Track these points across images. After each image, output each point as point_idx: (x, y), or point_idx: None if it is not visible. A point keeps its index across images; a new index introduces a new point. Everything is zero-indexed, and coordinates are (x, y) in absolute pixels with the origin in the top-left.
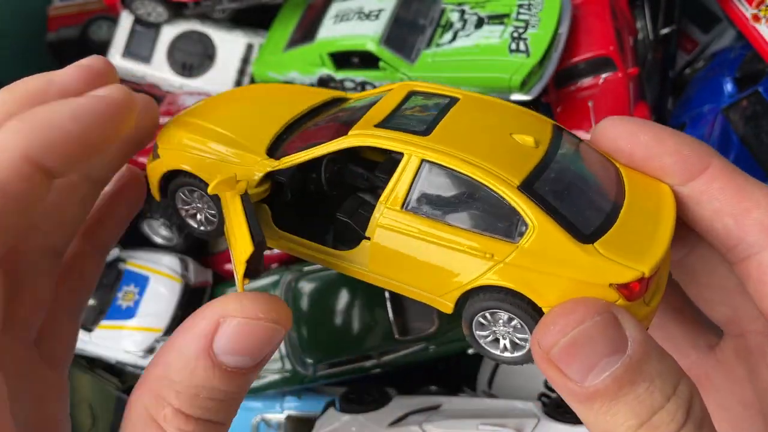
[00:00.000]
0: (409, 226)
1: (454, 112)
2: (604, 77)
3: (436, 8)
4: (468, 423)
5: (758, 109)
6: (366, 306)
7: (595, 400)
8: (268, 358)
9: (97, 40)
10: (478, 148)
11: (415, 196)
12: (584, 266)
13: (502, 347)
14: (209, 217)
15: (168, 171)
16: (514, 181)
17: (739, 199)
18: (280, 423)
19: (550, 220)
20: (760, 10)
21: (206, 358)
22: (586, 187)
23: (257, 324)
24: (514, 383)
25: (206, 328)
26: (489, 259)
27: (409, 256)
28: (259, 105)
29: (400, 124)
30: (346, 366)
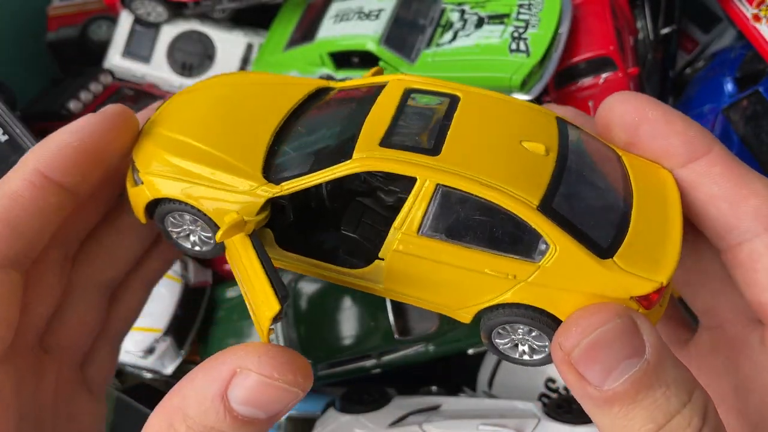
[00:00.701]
0: (427, 251)
1: (458, 118)
2: (604, 77)
3: (436, 8)
4: (468, 423)
5: (758, 108)
6: (366, 306)
7: (613, 404)
8: (283, 414)
9: (97, 39)
10: (491, 166)
11: (431, 220)
12: (605, 282)
13: (521, 352)
14: (204, 238)
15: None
16: (533, 202)
17: (738, 186)
18: (280, 423)
19: (570, 239)
20: (760, 10)
21: (220, 402)
22: (597, 193)
23: (272, 384)
24: (514, 383)
25: (223, 374)
26: (511, 279)
27: (427, 278)
28: (236, 106)
29: (405, 140)
30: (346, 366)
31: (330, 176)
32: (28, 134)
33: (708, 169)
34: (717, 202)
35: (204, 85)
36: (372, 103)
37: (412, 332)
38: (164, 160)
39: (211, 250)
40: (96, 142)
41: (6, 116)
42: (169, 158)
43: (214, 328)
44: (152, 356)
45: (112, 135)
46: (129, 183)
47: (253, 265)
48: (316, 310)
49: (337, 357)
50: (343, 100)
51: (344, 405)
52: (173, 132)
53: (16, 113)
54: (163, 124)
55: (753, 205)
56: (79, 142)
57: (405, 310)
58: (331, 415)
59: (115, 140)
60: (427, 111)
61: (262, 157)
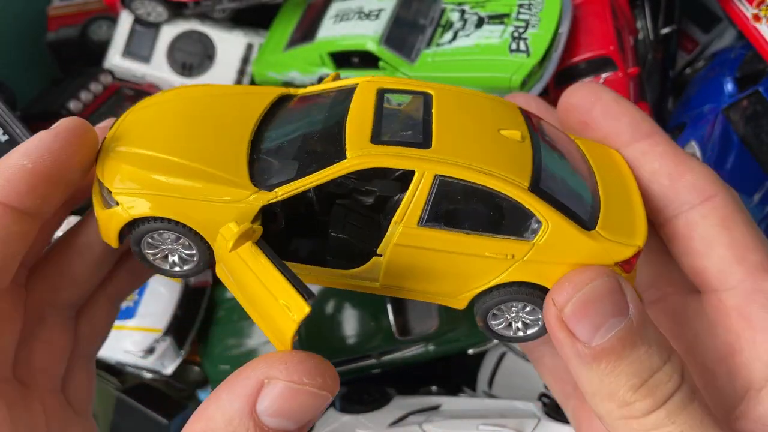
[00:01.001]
0: (428, 241)
1: (437, 113)
2: (604, 77)
3: (436, 8)
4: (468, 423)
5: (758, 108)
6: (366, 306)
7: (601, 360)
8: (314, 422)
9: (97, 39)
10: (480, 154)
11: (430, 211)
12: (592, 251)
13: (515, 329)
14: (185, 257)
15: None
16: (524, 183)
17: (675, 163)
18: None
19: (560, 215)
20: (760, 10)
21: (249, 418)
22: (569, 173)
23: (301, 389)
24: (514, 383)
25: (250, 389)
26: (509, 259)
27: (427, 268)
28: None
29: (394, 136)
30: (346, 366)
31: (326, 177)
32: (28, 134)
33: (651, 148)
34: (658, 178)
35: (160, 99)
36: (346, 105)
37: (412, 332)
38: (140, 177)
39: (192, 269)
40: (53, 161)
41: (6, 116)
42: (147, 174)
43: (214, 328)
44: (152, 356)
45: (69, 151)
46: (98, 206)
47: (268, 272)
48: (317, 310)
49: (337, 357)
50: (312, 106)
51: (344, 405)
52: (141, 148)
53: (16, 113)
54: (127, 140)
55: (689, 180)
56: (33, 164)
57: (405, 310)
58: (331, 415)
59: (73, 156)
60: (405, 108)
61: (245, 166)
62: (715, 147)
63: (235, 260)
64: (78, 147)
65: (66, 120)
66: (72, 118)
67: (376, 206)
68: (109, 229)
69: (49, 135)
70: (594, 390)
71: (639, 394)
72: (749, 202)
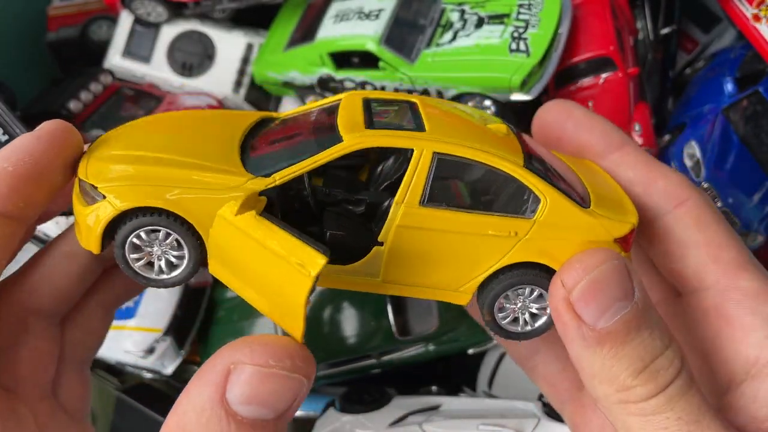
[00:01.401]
0: (430, 221)
1: (425, 112)
2: (604, 77)
3: (436, 8)
4: (468, 423)
5: (758, 109)
6: (366, 306)
7: (605, 343)
8: (293, 410)
9: (97, 39)
10: (473, 137)
11: (431, 190)
12: (592, 227)
13: (522, 322)
14: (173, 261)
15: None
16: (519, 161)
17: (647, 171)
18: None
19: (557, 191)
20: (760, 10)
21: (220, 407)
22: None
23: (270, 372)
24: (514, 383)
25: (218, 376)
26: (513, 237)
27: (430, 252)
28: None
29: (389, 125)
30: (346, 366)
31: (325, 158)
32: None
33: (623, 158)
34: (632, 187)
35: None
36: (334, 110)
37: (412, 332)
38: (128, 170)
39: (180, 275)
40: (34, 163)
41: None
42: (135, 168)
43: (214, 328)
44: (152, 356)
45: (51, 154)
46: (79, 205)
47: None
48: (316, 310)
49: (337, 357)
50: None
51: (344, 405)
52: (128, 149)
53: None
54: (111, 144)
55: (662, 186)
56: (14, 167)
57: (405, 310)
58: (331, 415)
59: (56, 158)
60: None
61: (238, 160)
62: (715, 147)
63: (236, 238)
64: (60, 149)
65: (48, 122)
66: (55, 121)
67: (367, 215)
68: (92, 229)
69: (31, 138)
70: (594, 372)
71: (640, 378)
72: (749, 202)
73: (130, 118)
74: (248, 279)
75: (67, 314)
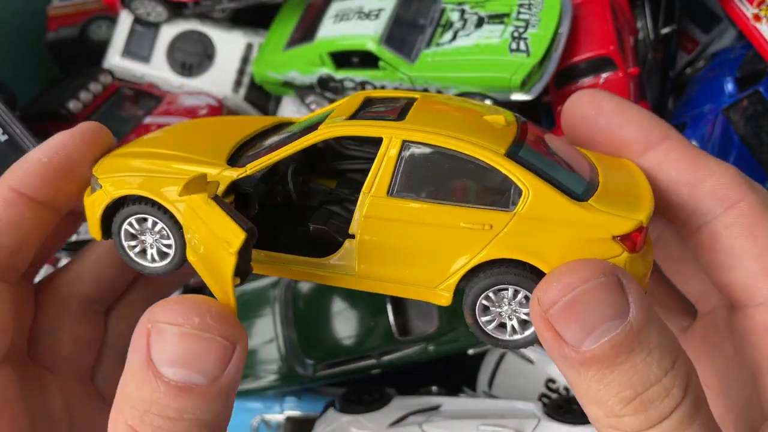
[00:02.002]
0: (399, 212)
1: (419, 105)
2: (604, 77)
3: (436, 8)
4: (468, 423)
5: (759, 108)
6: (366, 306)
7: (589, 367)
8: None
9: (97, 39)
10: (455, 127)
11: (400, 180)
12: (584, 222)
13: (510, 330)
14: (163, 249)
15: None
16: (500, 150)
17: (694, 169)
18: (279, 424)
19: (542, 182)
20: (760, 10)
21: (147, 368)
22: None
23: (182, 331)
24: (514, 383)
25: (141, 337)
26: (488, 230)
27: (402, 245)
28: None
29: (370, 117)
30: (345, 366)
31: (295, 148)
32: (28, 134)
33: (665, 155)
34: (676, 188)
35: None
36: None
37: (412, 332)
38: (124, 163)
39: (169, 264)
40: (66, 156)
41: (6, 116)
42: (131, 161)
43: None
44: None
45: (83, 149)
46: (86, 194)
47: (216, 217)
48: (316, 310)
49: (337, 357)
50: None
51: (344, 405)
52: (137, 147)
53: (16, 113)
54: (132, 144)
55: (710, 186)
56: (48, 158)
57: (405, 310)
58: (331, 415)
59: (87, 154)
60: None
61: (228, 153)
62: (715, 147)
63: (193, 213)
64: (91, 146)
65: (84, 123)
66: (90, 122)
67: None
68: (93, 214)
69: (66, 134)
70: (581, 393)
71: (630, 408)
72: None
73: (129, 118)
74: (202, 257)
75: (112, 305)
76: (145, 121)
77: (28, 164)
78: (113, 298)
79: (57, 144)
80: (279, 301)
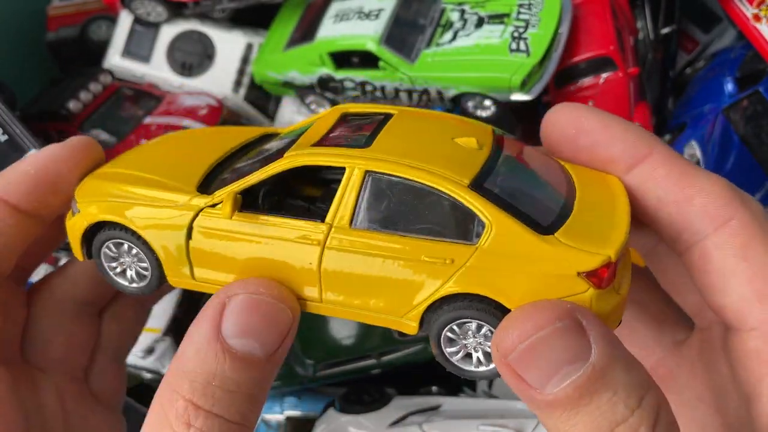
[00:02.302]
0: (361, 244)
1: (391, 124)
2: (604, 77)
3: (436, 8)
4: (468, 423)
5: (759, 108)
6: None
7: (555, 409)
8: (283, 350)
9: (97, 39)
10: (421, 154)
11: (363, 211)
12: (548, 257)
13: (476, 361)
14: (140, 271)
15: (90, 225)
16: (464, 181)
17: (681, 186)
18: (279, 423)
19: (506, 215)
20: (760, 10)
21: (215, 341)
22: (536, 183)
23: (259, 298)
24: None
25: (214, 311)
26: (449, 265)
27: (365, 276)
28: (185, 147)
29: (337, 143)
30: (345, 366)
31: (261, 177)
32: (28, 134)
33: (651, 172)
34: (665, 207)
35: (161, 138)
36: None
37: None
38: (104, 186)
39: (148, 285)
40: (54, 170)
41: (6, 116)
42: (110, 184)
43: None
44: (152, 356)
45: (70, 164)
46: (68, 217)
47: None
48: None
49: (337, 357)
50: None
51: (344, 405)
52: (116, 168)
53: (16, 113)
54: (111, 165)
55: (699, 204)
56: (35, 170)
57: None
58: (331, 415)
59: (74, 169)
60: (361, 124)
61: (199, 178)
62: (715, 147)
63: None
64: (79, 161)
65: (75, 137)
66: (81, 137)
67: None
68: (74, 238)
69: (56, 147)
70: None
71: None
72: None
73: (129, 118)
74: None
75: (106, 307)
76: (145, 121)
77: (14, 174)
78: (106, 300)
79: (45, 156)
80: None
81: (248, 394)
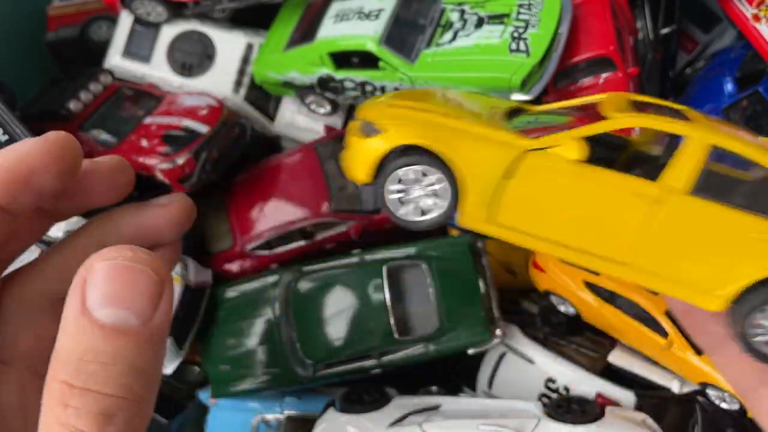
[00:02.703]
0: (697, 212)
1: (688, 114)
2: (604, 77)
3: (436, 8)
4: (468, 423)
5: (758, 108)
6: (366, 306)
7: None
8: (161, 315)
9: (97, 39)
10: (745, 140)
11: (702, 181)
12: None
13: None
14: (424, 206)
15: (394, 148)
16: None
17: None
18: (279, 423)
19: None
20: (760, 10)
21: (83, 317)
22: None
23: (117, 264)
24: (514, 383)
25: (75, 287)
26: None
27: (689, 242)
28: (453, 101)
29: (661, 111)
30: (345, 366)
31: (599, 129)
32: (28, 134)
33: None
34: None
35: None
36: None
37: (412, 332)
38: (409, 114)
39: (430, 219)
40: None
41: (6, 116)
42: (414, 113)
43: (214, 328)
44: None
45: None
46: (355, 137)
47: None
48: (316, 310)
49: (337, 357)
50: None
51: (344, 405)
52: (409, 101)
53: (16, 113)
54: (386, 101)
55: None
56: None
57: (405, 310)
58: (331, 415)
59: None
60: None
61: (507, 124)
62: None
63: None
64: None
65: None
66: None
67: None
68: (369, 158)
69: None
70: None
71: None
72: None
73: (129, 118)
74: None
75: None
76: (145, 121)
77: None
78: None
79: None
80: (279, 301)
81: (130, 365)
